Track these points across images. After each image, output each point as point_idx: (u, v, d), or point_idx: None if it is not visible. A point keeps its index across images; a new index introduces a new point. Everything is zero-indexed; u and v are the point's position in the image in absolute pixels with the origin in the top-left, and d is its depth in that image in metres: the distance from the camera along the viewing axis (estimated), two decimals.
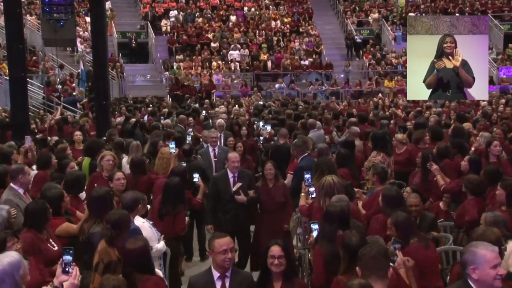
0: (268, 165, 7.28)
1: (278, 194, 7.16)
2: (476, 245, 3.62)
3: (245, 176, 7.37)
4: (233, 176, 7.26)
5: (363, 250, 3.64)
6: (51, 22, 13.56)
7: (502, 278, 3.50)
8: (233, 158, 7.25)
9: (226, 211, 7.18)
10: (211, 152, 9.25)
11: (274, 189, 7.17)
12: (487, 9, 28.54)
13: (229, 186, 7.18)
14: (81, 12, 26.81)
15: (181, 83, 24.08)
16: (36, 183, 6.84)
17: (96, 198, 5.34)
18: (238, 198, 7.06)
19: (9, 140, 10.40)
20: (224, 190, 7.20)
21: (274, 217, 7.06)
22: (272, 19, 29.43)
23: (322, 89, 25.44)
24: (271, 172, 7.19)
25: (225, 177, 7.28)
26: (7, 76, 15.20)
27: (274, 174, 7.19)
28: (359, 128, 10.39)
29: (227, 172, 7.31)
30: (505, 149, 8.65)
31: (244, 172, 7.51)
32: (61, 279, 3.75)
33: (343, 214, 4.88)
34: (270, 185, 7.20)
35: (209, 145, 9.36)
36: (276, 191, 7.16)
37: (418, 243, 4.78)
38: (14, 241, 4.48)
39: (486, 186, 6.55)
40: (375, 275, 3.48)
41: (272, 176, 7.19)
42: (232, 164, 7.23)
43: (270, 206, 7.11)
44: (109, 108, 13.74)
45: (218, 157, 9.08)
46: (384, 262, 3.54)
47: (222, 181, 7.29)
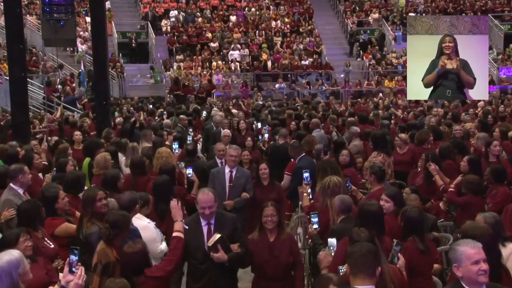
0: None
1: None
2: (458, 243, 3.65)
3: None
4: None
5: (353, 248, 3.65)
6: (51, 22, 13.53)
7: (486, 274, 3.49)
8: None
9: (197, 277, 5.01)
10: (227, 173, 7.33)
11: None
12: (487, 9, 28.54)
13: (202, 237, 4.96)
14: (81, 12, 26.81)
15: (181, 83, 24.09)
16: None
17: (84, 197, 5.39)
18: (215, 256, 4.84)
19: (9, 140, 10.41)
20: (194, 242, 4.96)
21: None
22: (272, 19, 29.43)
23: (322, 89, 25.44)
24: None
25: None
26: (7, 76, 15.20)
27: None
28: (359, 128, 10.40)
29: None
30: (504, 148, 8.66)
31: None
32: (67, 278, 3.76)
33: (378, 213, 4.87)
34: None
35: (226, 165, 7.47)
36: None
37: (413, 243, 4.79)
38: (27, 237, 4.56)
39: (485, 186, 6.55)
40: (363, 273, 3.49)
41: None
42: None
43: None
44: (109, 108, 13.74)
45: (235, 182, 7.23)
46: (373, 260, 3.54)
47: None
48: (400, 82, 24.64)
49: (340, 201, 5.43)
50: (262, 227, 5.14)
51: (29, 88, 15.69)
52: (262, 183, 7.37)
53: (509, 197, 6.37)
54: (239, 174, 7.27)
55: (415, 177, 7.87)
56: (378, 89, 24.83)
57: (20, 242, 4.46)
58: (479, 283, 3.52)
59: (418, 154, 8.43)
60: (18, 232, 4.57)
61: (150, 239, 5.26)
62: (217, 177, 7.27)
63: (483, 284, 3.53)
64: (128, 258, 4.34)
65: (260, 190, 7.32)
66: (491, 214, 4.85)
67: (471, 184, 6.32)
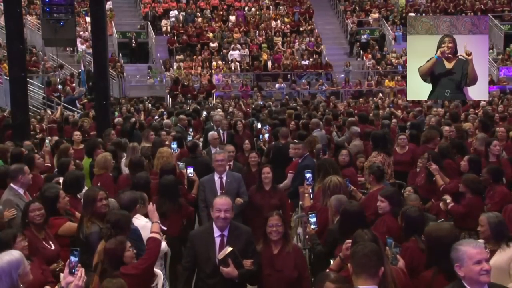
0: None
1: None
2: (461, 242, 3.65)
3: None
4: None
5: (356, 248, 3.65)
6: (51, 22, 13.55)
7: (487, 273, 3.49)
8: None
9: None
10: (217, 180, 7.03)
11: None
12: (487, 9, 28.54)
13: (213, 249, 4.70)
14: (81, 12, 26.81)
15: (181, 83, 24.09)
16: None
17: (85, 197, 5.39)
18: (225, 271, 4.56)
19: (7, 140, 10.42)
20: (204, 254, 4.72)
21: None
22: (272, 19, 29.43)
23: (322, 89, 25.45)
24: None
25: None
26: (7, 76, 15.20)
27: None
28: (359, 128, 10.40)
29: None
30: (506, 149, 8.66)
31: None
32: (67, 280, 3.77)
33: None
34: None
35: (215, 172, 7.11)
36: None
37: (415, 243, 4.79)
38: (22, 238, 4.58)
39: (485, 185, 6.55)
40: (366, 273, 3.49)
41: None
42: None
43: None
44: (109, 108, 13.74)
45: (227, 189, 6.90)
46: (376, 261, 3.54)
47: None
48: (400, 82, 24.65)
49: (337, 201, 5.44)
50: (266, 238, 4.82)
51: (29, 88, 15.69)
52: (264, 188, 6.95)
53: (507, 197, 6.36)
54: (230, 179, 6.94)
55: (414, 177, 7.87)
56: (378, 89, 24.84)
57: (17, 243, 4.46)
58: (481, 283, 3.51)
59: (418, 154, 8.42)
60: (15, 233, 4.58)
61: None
62: (207, 187, 6.94)
63: (485, 284, 3.53)
64: (107, 253, 4.36)
65: (261, 195, 6.93)
66: (494, 214, 4.82)
67: (472, 183, 6.30)
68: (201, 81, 24.96)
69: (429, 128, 10.05)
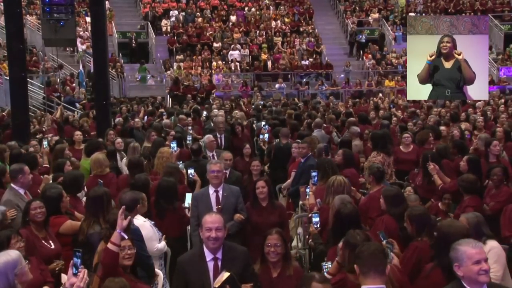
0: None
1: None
2: (460, 242, 3.65)
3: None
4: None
5: (361, 248, 3.66)
6: (51, 22, 13.54)
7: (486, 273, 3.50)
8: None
9: None
10: (212, 195, 6.15)
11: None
12: (487, 9, 28.54)
13: (207, 275, 4.18)
14: (81, 12, 26.80)
15: (181, 83, 24.09)
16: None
17: (92, 198, 5.35)
18: None
19: (7, 140, 10.41)
20: (197, 282, 4.18)
21: None
22: (272, 19, 29.43)
23: (322, 89, 25.44)
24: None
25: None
26: (7, 76, 15.21)
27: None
28: (359, 128, 10.40)
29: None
30: (506, 149, 8.66)
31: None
32: (71, 281, 3.77)
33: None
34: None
35: (209, 185, 6.25)
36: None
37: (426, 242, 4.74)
38: (18, 239, 4.55)
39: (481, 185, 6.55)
40: (374, 271, 3.50)
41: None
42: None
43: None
44: (109, 108, 13.74)
45: (224, 204, 6.07)
46: (382, 258, 3.57)
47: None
48: (400, 82, 24.65)
49: (340, 201, 5.44)
50: (265, 259, 4.41)
51: (29, 88, 15.69)
52: (260, 204, 6.07)
53: (511, 197, 6.40)
54: (227, 193, 6.07)
55: (414, 178, 7.88)
56: (378, 89, 24.84)
57: (11, 244, 4.44)
58: (480, 283, 3.52)
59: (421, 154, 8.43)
60: (9, 234, 4.54)
61: (147, 237, 5.27)
62: (201, 202, 6.02)
63: (484, 283, 3.54)
64: None
65: (258, 213, 6.05)
66: (473, 214, 4.94)
67: (470, 184, 6.30)
68: (201, 81, 24.96)
69: (421, 129, 10.12)
